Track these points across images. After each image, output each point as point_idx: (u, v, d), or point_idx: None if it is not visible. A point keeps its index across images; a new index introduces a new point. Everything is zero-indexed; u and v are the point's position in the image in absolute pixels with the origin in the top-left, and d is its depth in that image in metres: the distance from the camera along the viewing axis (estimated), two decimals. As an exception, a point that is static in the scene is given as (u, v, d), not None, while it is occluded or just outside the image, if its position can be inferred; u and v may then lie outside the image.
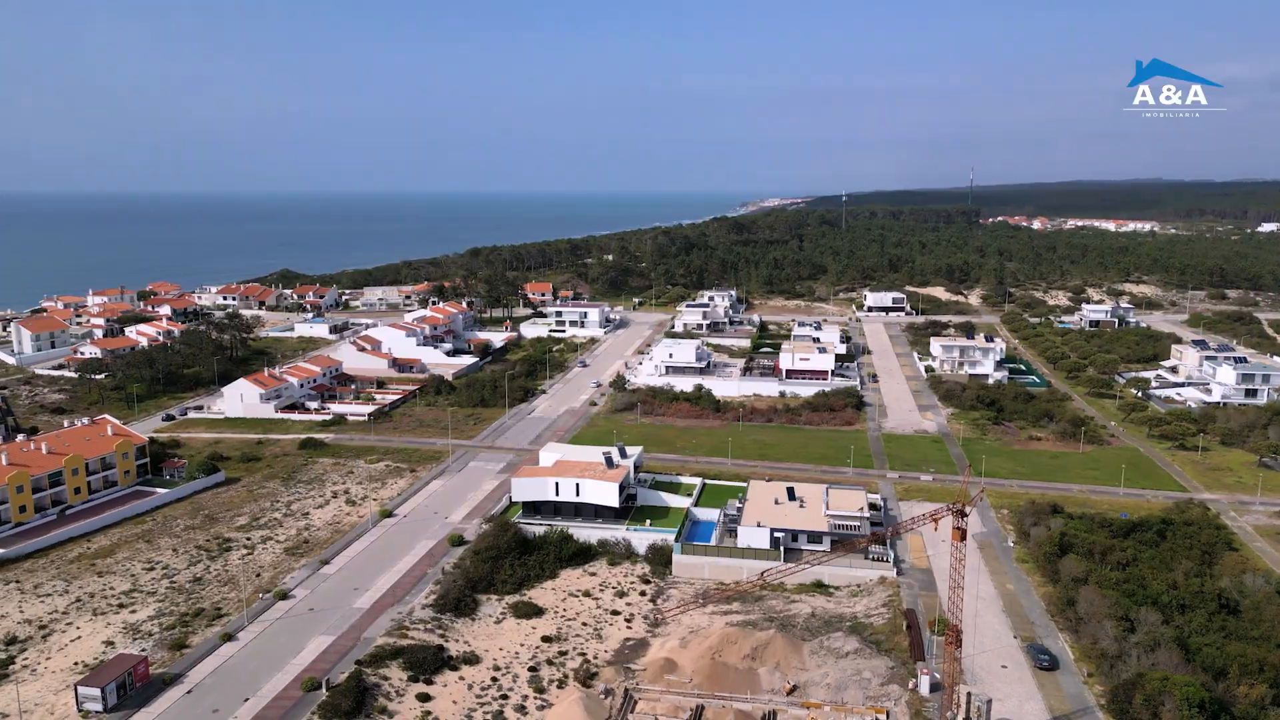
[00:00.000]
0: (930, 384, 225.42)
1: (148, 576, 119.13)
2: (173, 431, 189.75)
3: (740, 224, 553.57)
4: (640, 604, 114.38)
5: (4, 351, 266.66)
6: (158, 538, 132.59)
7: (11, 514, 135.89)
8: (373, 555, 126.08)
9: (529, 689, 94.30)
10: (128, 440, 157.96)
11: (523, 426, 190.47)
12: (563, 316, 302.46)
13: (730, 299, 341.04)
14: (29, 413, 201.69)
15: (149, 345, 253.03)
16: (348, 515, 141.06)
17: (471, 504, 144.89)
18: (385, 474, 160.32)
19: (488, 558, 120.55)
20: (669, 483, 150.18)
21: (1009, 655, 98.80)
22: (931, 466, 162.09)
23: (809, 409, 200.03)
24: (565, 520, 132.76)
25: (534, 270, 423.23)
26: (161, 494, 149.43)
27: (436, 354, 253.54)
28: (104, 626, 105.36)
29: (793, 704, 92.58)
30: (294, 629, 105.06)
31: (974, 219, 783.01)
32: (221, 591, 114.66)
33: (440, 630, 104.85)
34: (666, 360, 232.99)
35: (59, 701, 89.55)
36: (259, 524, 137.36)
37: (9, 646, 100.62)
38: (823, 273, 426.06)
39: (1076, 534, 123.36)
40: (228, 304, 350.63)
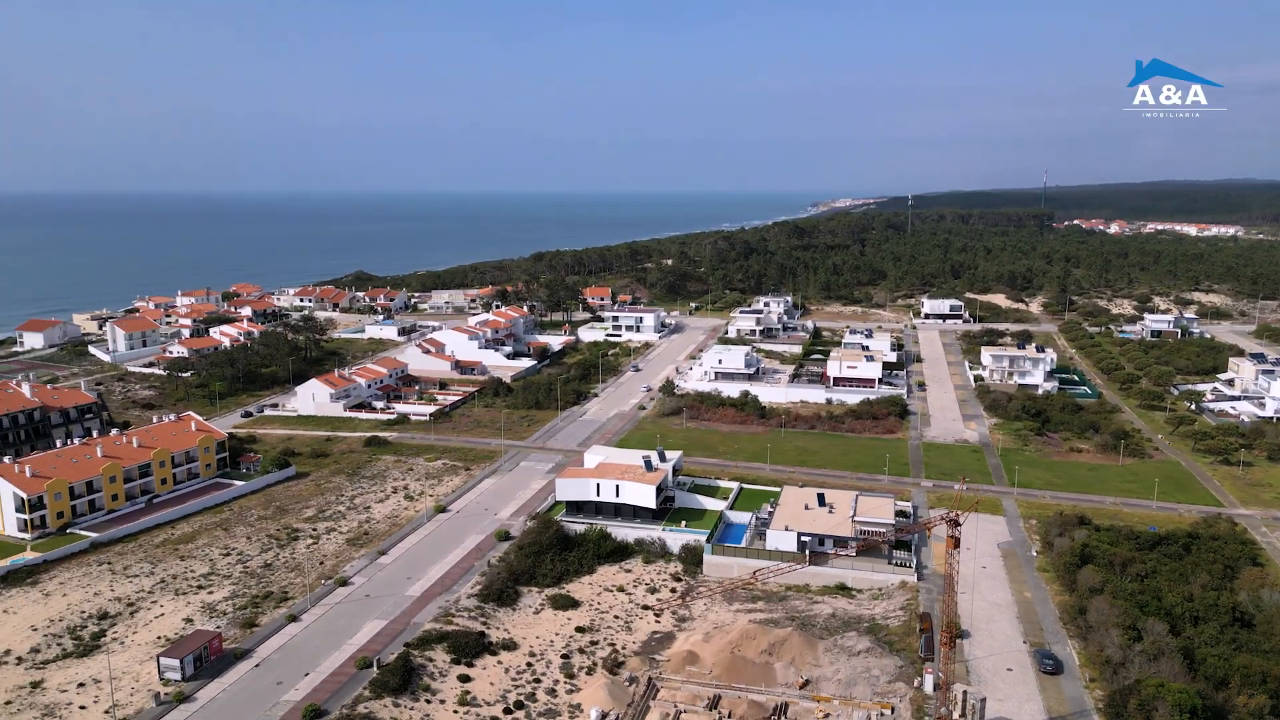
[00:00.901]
0: (978, 393, 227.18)
1: (224, 561, 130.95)
2: (250, 428, 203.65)
3: (801, 228, 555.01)
4: (670, 600, 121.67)
5: (100, 350, 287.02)
6: (234, 526, 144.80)
7: (105, 501, 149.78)
8: (426, 547, 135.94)
9: (560, 674, 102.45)
10: (209, 436, 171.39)
11: (573, 429, 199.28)
12: (619, 321, 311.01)
13: (786, 305, 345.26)
14: (122, 408, 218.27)
15: (230, 345, 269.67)
16: (405, 510, 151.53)
17: (520, 501, 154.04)
18: (442, 471, 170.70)
19: (530, 552, 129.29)
20: (707, 486, 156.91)
21: (1016, 659, 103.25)
22: (965, 476, 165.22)
23: (852, 416, 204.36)
24: (605, 519, 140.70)
25: (594, 274, 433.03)
26: (238, 486, 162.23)
27: (497, 357, 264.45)
28: (184, 605, 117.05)
29: (804, 697, 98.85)
30: (351, 613, 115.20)
31: (1046, 223, 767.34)
32: (288, 577, 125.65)
33: (483, 618, 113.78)
34: (716, 366, 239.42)
35: (143, 670, 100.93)
36: (324, 516, 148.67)
37: (101, 621, 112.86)
38: (882, 278, 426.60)
39: (1099, 545, 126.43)
40: (304, 306, 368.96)
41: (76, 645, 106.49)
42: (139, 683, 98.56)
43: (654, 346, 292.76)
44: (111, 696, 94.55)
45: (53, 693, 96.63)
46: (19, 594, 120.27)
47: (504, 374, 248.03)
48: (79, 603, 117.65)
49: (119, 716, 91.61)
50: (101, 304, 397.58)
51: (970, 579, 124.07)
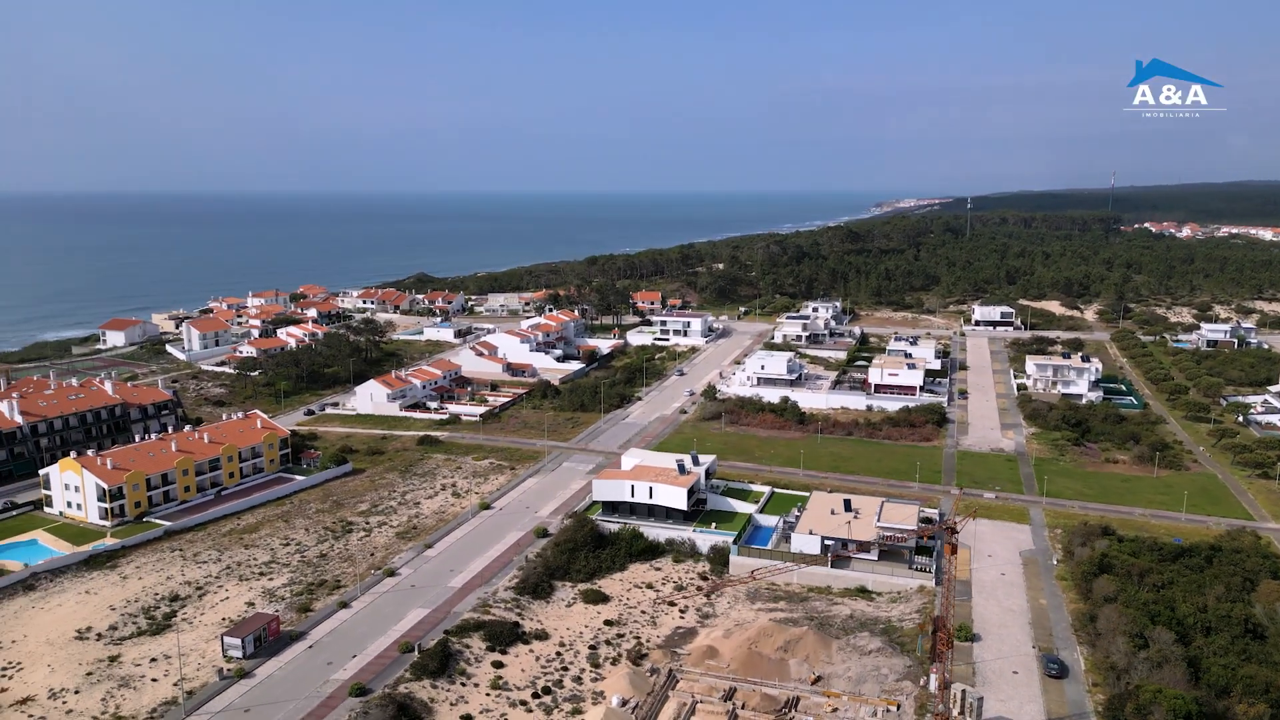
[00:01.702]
0: (1019, 402, 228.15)
1: (283, 551, 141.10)
2: (312, 425, 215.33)
3: (855, 232, 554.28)
4: (696, 598, 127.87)
5: (177, 349, 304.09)
6: (294, 518, 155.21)
7: (178, 493, 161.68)
8: (469, 542, 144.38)
9: (587, 664, 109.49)
10: (273, 433, 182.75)
11: (615, 431, 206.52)
12: (667, 325, 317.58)
13: (834, 310, 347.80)
14: (195, 404, 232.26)
15: (296, 346, 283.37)
16: (452, 506, 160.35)
17: (559, 500, 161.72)
18: (488, 470, 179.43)
19: (566, 549, 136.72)
20: (739, 490, 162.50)
21: (1023, 663, 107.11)
22: (997, 485, 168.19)
23: (890, 423, 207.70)
24: (639, 519, 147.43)
25: (646, 278, 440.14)
26: (299, 481, 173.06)
27: (547, 359, 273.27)
28: (246, 590, 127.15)
29: (815, 692, 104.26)
30: (397, 601, 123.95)
31: (1112, 226, 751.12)
32: (341, 567, 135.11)
33: (518, 609, 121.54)
34: (758, 372, 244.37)
35: (209, 648, 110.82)
36: (377, 510, 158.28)
37: (172, 603, 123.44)
38: (936, 284, 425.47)
39: (1118, 555, 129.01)
40: (366, 308, 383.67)
41: (150, 624, 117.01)
42: (204, 659, 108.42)
43: (700, 351, 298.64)
44: (180, 671, 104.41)
45: (128, 666, 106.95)
46: (99, 576, 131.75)
47: (553, 376, 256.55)
48: (153, 585, 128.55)
49: (186, 689, 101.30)
50: (179, 304, 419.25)
51: (988, 585, 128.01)
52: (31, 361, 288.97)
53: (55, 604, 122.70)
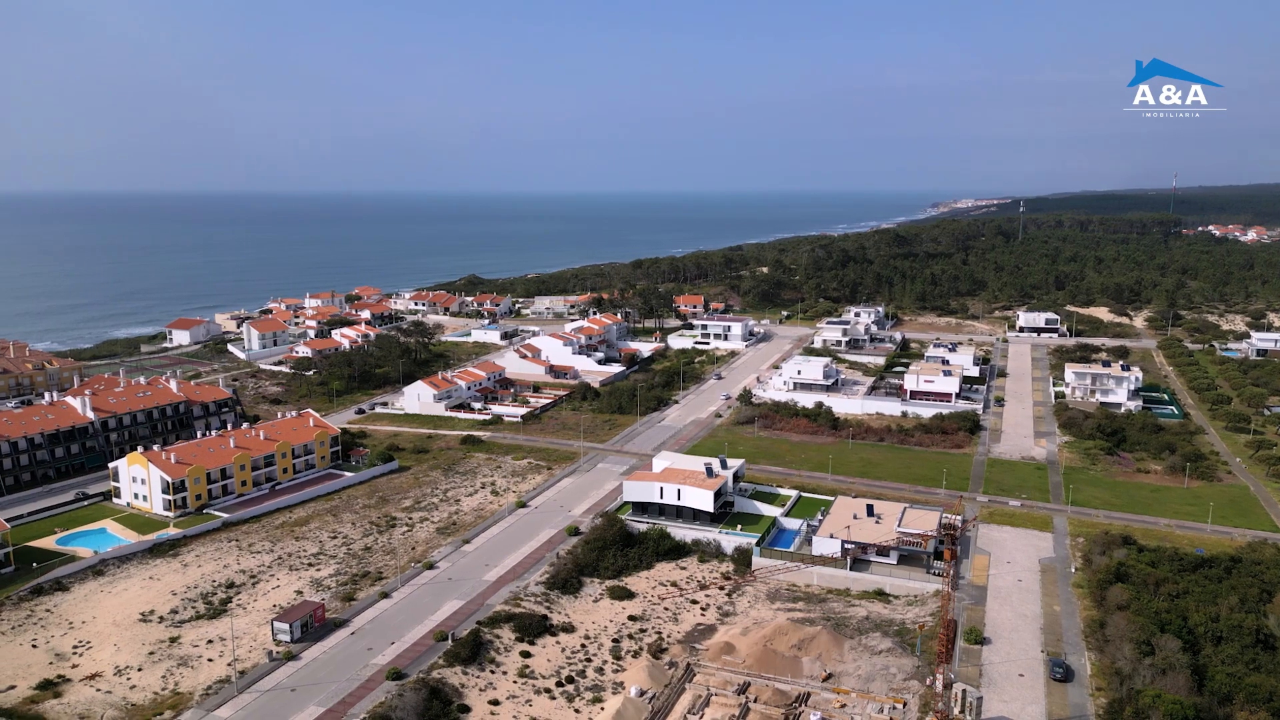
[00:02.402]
0: (1056, 410, 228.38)
1: (331, 543, 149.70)
2: (362, 424, 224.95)
3: (902, 236, 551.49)
4: (718, 596, 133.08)
5: (238, 348, 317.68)
6: (341, 513, 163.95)
7: (236, 487, 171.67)
8: (505, 538, 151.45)
9: (609, 656, 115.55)
10: (324, 431, 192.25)
11: (651, 433, 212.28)
12: (707, 329, 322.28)
13: (876, 315, 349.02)
14: (253, 402, 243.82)
15: (349, 347, 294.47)
16: (490, 504, 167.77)
17: (593, 500, 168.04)
18: (526, 470, 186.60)
19: (595, 547, 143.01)
20: (767, 493, 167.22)
21: (1030, 666, 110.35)
22: (1024, 493, 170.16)
23: (922, 430, 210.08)
24: (667, 520, 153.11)
25: (690, 282, 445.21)
26: (347, 477, 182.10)
27: (589, 362, 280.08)
28: (296, 579, 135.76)
29: (825, 688, 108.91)
30: (435, 593, 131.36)
31: (1173, 230, 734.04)
32: (384, 559, 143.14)
33: (547, 603, 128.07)
34: (795, 377, 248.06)
35: (260, 632, 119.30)
36: (419, 506, 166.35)
37: (228, 589, 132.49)
38: (982, 289, 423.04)
39: (1136, 565, 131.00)
40: (418, 309, 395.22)
41: (207, 608, 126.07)
42: (256, 642, 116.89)
43: (739, 355, 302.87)
44: (233, 652, 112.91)
45: (186, 647, 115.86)
46: (163, 563, 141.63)
47: (594, 379, 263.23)
48: (211, 573, 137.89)
49: (239, 669, 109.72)
50: (243, 303, 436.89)
51: (1004, 590, 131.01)
52: (103, 359, 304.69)
53: (122, 588, 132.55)
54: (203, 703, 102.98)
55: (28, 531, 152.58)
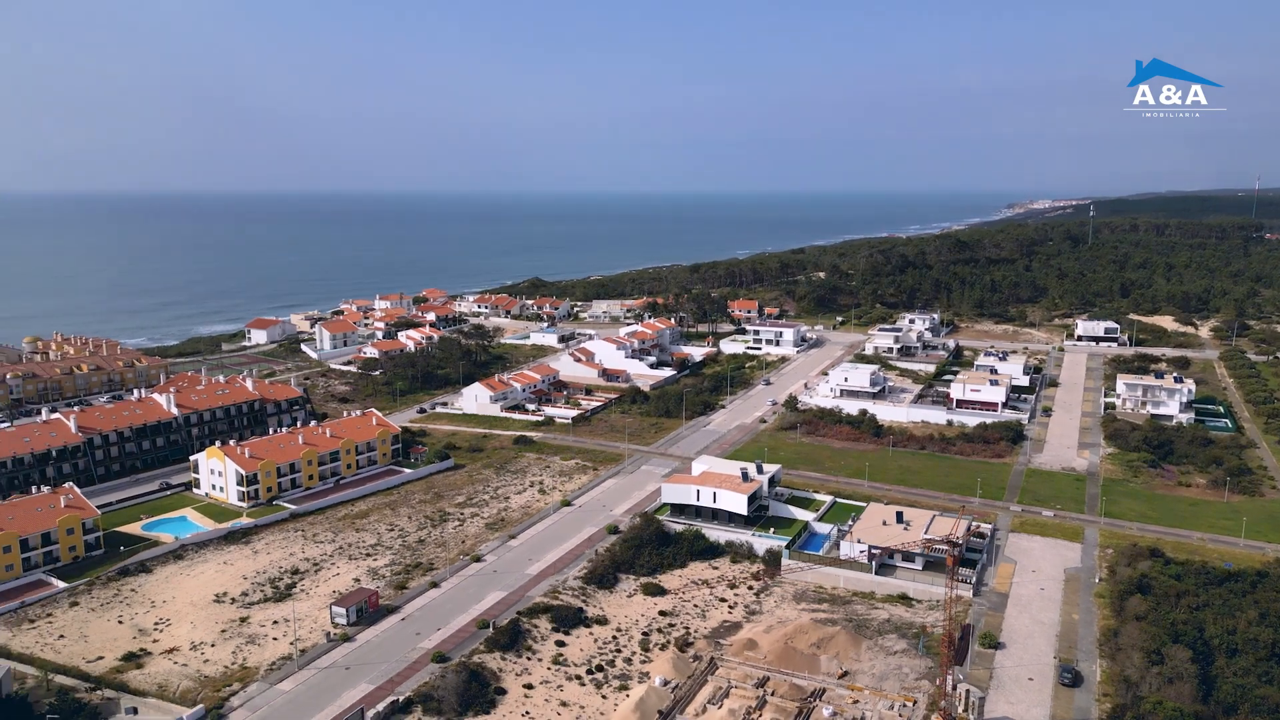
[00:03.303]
0: (1103, 422, 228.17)
1: (388, 535, 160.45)
2: (423, 423, 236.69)
3: (964, 241, 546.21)
4: (746, 596, 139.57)
5: (310, 348, 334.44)
6: (399, 507, 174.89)
7: (303, 480, 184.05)
8: (549, 535, 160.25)
9: (638, 648, 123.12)
10: (386, 429, 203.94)
11: (695, 437, 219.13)
12: (759, 335, 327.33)
13: (931, 322, 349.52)
14: (322, 400, 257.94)
15: (414, 348, 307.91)
16: (537, 501, 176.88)
17: (634, 501, 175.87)
18: (573, 470, 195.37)
19: (632, 545, 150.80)
20: (802, 498, 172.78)
21: (1040, 671, 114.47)
22: (1058, 503, 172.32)
23: (964, 439, 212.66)
24: (702, 522, 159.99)
25: (745, 286, 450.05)
26: (406, 473, 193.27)
27: (641, 366, 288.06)
28: (354, 567, 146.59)
29: (840, 685, 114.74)
30: (480, 584, 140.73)
31: (1254, 234, 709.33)
32: (436, 551, 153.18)
33: (584, 597, 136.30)
34: (841, 384, 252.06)
35: (320, 615, 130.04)
36: (471, 503, 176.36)
37: (293, 575, 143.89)
38: (1043, 296, 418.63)
39: (1158, 577, 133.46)
40: (480, 312, 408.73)
41: (274, 592, 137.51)
42: (316, 624, 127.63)
43: (790, 360, 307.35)
44: (295, 632, 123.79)
45: (254, 626, 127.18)
46: (236, 550, 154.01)
47: (645, 383, 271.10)
48: (278, 560, 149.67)
49: (300, 648, 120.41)
50: (319, 303, 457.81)
51: (1025, 598, 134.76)
52: (187, 356, 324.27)
53: (199, 571, 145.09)
54: (266, 677, 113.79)
55: (116, 518, 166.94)
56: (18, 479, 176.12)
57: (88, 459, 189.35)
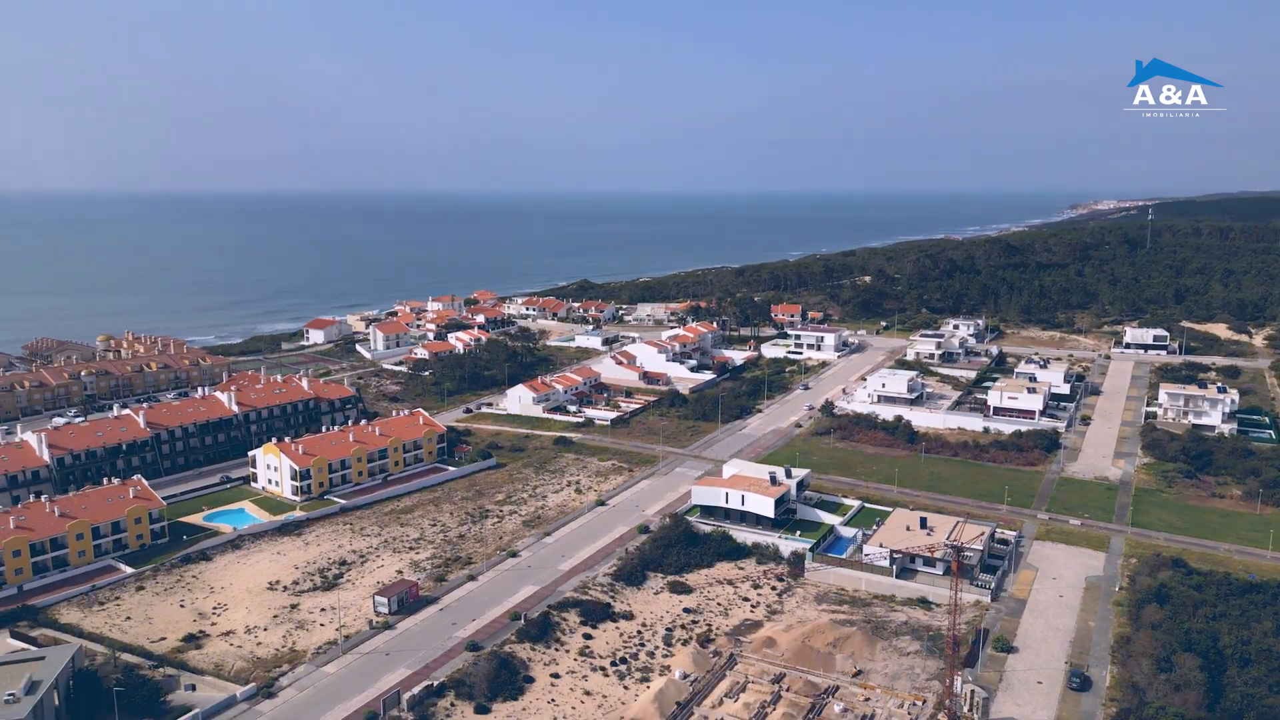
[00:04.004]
0: (1142, 431, 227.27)
1: (430, 530, 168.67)
2: (468, 423, 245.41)
3: (1013, 246, 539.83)
4: (769, 596, 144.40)
5: (364, 348, 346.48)
6: (442, 504, 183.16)
7: (353, 476, 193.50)
8: (582, 533, 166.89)
9: (661, 642, 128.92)
10: (432, 429, 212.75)
11: (730, 441, 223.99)
12: (800, 339, 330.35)
13: (976, 328, 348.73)
14: (374, 400, 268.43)
15: (462, 350, 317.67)
16: (573, 501, 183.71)
17: (666, 502, 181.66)
18: (609, 471, 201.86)
19: (661, 544, 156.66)
20: (830, 502, 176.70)
21: (1050, 675, 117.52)
22: (1087, 512, 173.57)
23: (997, 446, 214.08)
24: (730, 523, 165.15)
25: (790, 290, 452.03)
26: (450, 471, 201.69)
27: (681, 369, 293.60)
28: (398, 560, 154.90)
29: (853, 683, 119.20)
30: (514, 578, 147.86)
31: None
32: (474, 546, 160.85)
33: (612, 593, 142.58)
34: (879, 390, 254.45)
35: (364, 604, 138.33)
36: (510, 500, 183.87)
37: (341, 566, 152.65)
38: (1094, 301, 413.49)
39: (1178, 587, 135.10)
40: (528, 314, 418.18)
41: (322, 581, 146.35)
42: (360, 612, 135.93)
43: (830, 365, 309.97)
44: (340, 619, 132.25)
45: (304, 613, 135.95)
46: (289, 541, 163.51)
47: (684, 386, 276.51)
48: (328, 551, 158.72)
49: (344, 634, 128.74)
50: (376, 304, 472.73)
51: (1042, 605, 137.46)
52: (248, 355, 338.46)
53: (254, 561, 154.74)
54: (313, 660, 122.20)
55: (180, 508, 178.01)
56: (90, 471, 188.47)
57: (155, 453, 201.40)
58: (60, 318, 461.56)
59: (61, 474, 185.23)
